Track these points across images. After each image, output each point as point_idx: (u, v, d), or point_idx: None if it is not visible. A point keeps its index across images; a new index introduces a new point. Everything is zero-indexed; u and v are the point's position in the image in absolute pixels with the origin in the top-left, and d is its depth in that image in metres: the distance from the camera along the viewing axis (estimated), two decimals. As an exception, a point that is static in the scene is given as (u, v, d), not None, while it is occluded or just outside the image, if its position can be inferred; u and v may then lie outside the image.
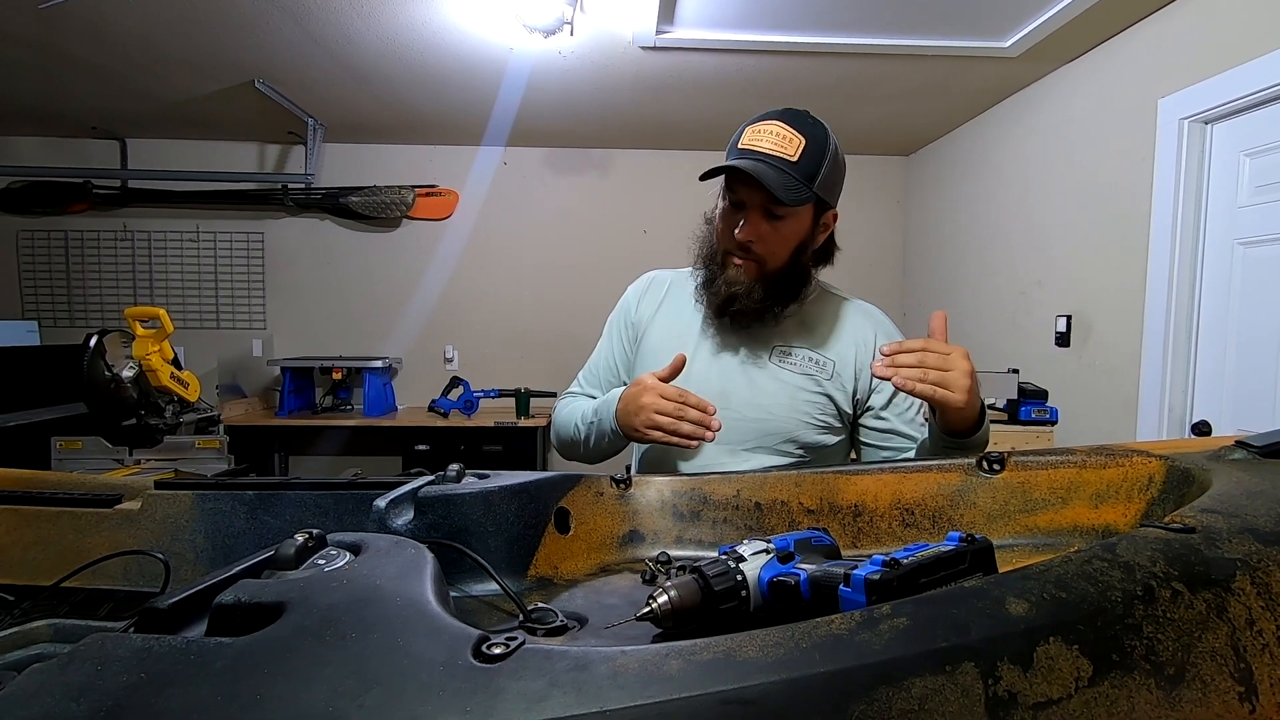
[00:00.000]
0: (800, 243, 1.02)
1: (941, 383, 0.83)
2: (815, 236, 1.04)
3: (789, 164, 0.94)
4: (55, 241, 3.85)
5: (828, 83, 2.86)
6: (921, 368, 0.83)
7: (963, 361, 0.85)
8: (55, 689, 0.33)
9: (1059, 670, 0.33)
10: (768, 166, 0.93)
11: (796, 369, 1.05)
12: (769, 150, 0.94)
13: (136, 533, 0.82)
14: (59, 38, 2.48)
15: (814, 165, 0.95)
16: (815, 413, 1.04)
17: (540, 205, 3.99)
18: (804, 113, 0.99)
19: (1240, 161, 1.94)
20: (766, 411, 1.03)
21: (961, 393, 0.83)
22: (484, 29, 2.40)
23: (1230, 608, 0.37)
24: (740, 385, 1.05)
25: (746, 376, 1.05)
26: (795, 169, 0.94)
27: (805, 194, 0.95)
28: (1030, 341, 2.81)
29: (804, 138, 0.95)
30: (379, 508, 0.66)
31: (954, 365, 0.84)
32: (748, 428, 1.04)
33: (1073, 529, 0.65)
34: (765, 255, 1.01)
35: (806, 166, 0.94)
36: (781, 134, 0.95)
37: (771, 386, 1.04)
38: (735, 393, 1.04)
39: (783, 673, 0.32)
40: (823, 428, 1.05)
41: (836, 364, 1.06)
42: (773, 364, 1.05)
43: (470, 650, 0.35)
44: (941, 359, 0.84)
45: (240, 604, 0.41)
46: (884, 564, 0.45)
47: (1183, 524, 0.43)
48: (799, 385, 1.04)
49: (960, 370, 0.84)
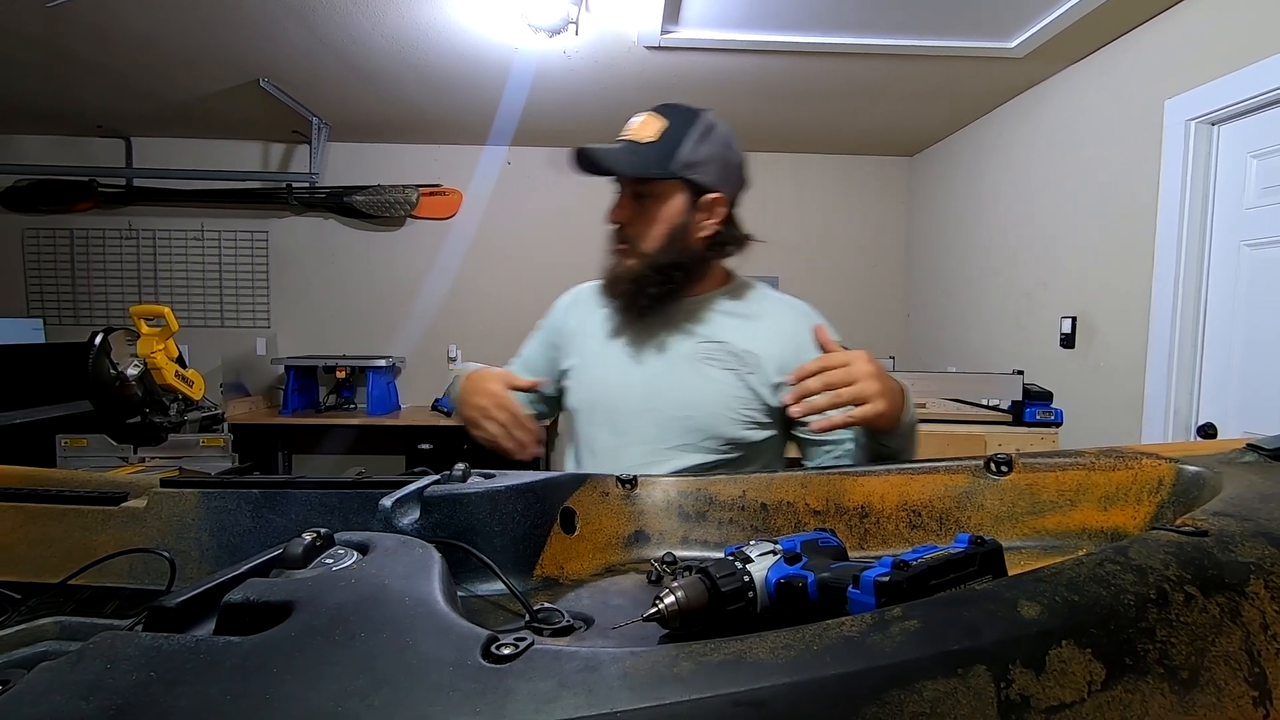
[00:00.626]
0: (675, 225, 1.01)
1: (857, 398, 0.80)
2: (695, 220, 1.02)
3: (643, 145, 0.97)
4: (60, 240, 3.86)
5: (833, 83, 2.86)
6: (831, 391, 0.80)
7: (865, 365, 0.82)
8: (65, 687, 0.33)
9: (1072, 674, 0.33)
10: (619, 150, 0.97)
11: (719, 364, 1.03)
12: (628, 137, 0.99)
13: (142, 531, 0.82)
14: (65, 37, 2.49)
15: (670, 145, 0.97)
16: (740, 408, 1.02)
17: (544, 205, 3.99)
18: (679, 105, 1.01)
19: (1247, 163, 1.93)
20: (691, 409, 1.02)
21: (880, 399, 0.81)
22: (489, 28, 2.40)
23: (1244, 612, 0.37)
24: (663, 383, 1.04)
25: (669, 374, 1.04)
26: (650, 148, 0.97)
27: (650, 168, 0.97)
28: (1035, 343, 2.80)
29: (667, 121, 0.98)
30: (385, 507, 0.66)
31: (859, 374, 0.81)
32: (673, 426, 1.02)
33: (1081, 531, 0.65)
34: (636, 237, 1.02)
35: (662, 145, 0.97)
36: (644, 121, 0.99)
37: (695, 383, 1.03)
38: (658, 391, 1.03)
39: (794, 675, 0.32)
40: (749, 423, 1.03)
41: (760, 358, 1.03)
42: (695, 361, 1.04)
43: (479, 650, 0.35)
44: (845, 372, 0.81)
45: (249, 603, 0.41)
46: (893, 566, 0.45)
47: (1195, 527, 0.42)
48: (722, 381, 1.02)
49: (867, 375, 0.81)
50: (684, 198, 1.00)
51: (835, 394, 0.80)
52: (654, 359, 1.06)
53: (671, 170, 0.97)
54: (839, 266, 4.08)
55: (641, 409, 1.04)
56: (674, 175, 0.98)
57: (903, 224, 4.10)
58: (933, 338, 3.79)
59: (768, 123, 3.42)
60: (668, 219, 1.01)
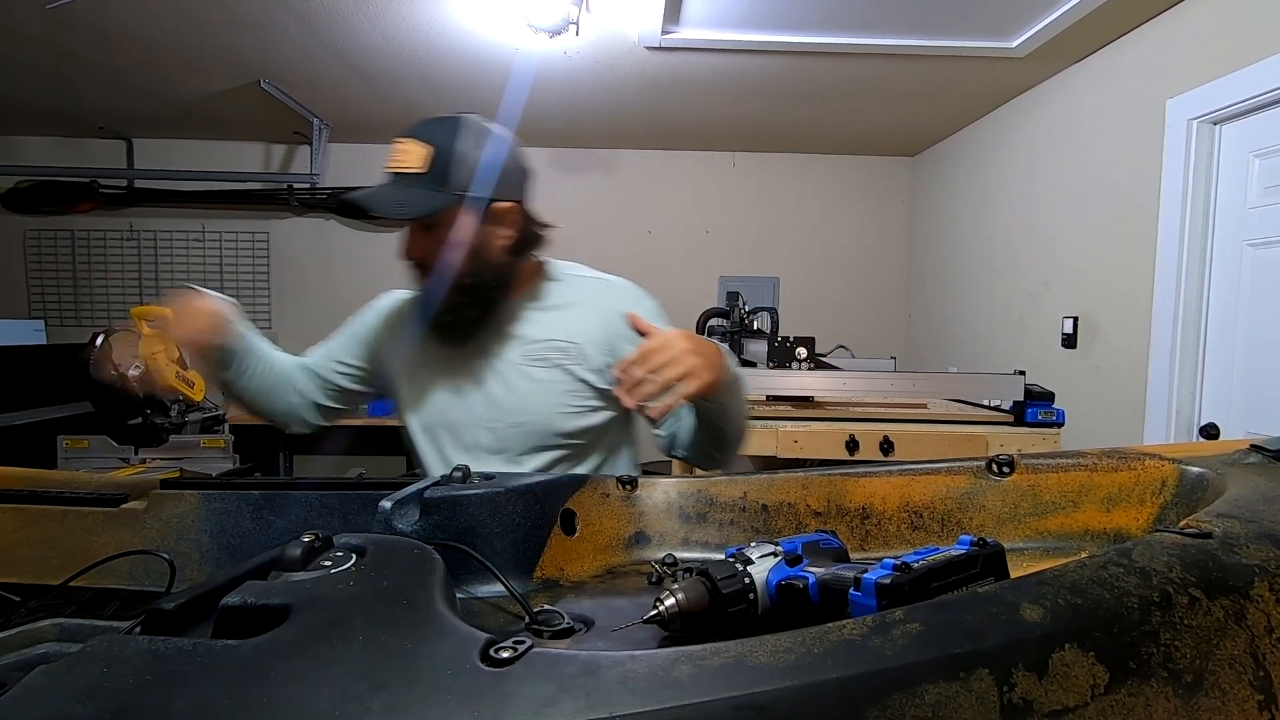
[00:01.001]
0: (473, 246, 0.99)
1: (684, 374, 0.84)
2: (491, 234, 1.01)
3: (417, 177, 0.93)
4: (62, 241, 3.86)
5: (833, 83, 2.86)
6: (657, 373, 0.83)
7: (681, 341, 0.86)
8: (62, 690, 0.33)
9: (1075, 678, 0.33)
10: (390, 187, 0.93)
11: (546, 363, 1.04)
12: (396, 168, 0.94)
13: (142, 532, 0.82)
14: (66, 37, 2.49)
15: (442, 169, 0.94)
16: (573, 401, 1.04)
17: (545, 205, 3.94)
18: (439, 120, 0.97)
19: (1250, 162, 1.93)
20: (527, 414, 1.03)
21: (703, 370, 0.85)
22: (490, 29, 2.40)
23: (1249, 615, 0.36)
24: (497, 395, 1.04)
25: (501, 383, 1.04)
26: (424, 180, 0.93)
27: (429, 203, 0.93)
28: (1037, 343, 2.79)
29: (430, 145, 0.93)
30: (385, 509, 0.66)
31: (676, 350, 0.84)
32: (515, 433, 1.03)
33: (1084, 533, 0.64)
34: (438, 267, 0.99)
35: (432, 174, 0.93)
36: (407, 149, 0.94)
37: (526, 387, 1.03)
38: (494, 404, 1.04)
39: (795, 678, 0.32)
40: (586, 410, 1.04)
41: (582, 345, 1.04)
42: (521, 364, 1.04)
43: (478, 654, 0.35)
44: (666, 355, 0.84)
45: (247, 606, 0.41)
46: (895, 568, 0.45)
47: (1199, 529, 0.42)
48: (551, 379, 1.03)
49: (685, 350, 0.85)
50: (471, 216, 0.98)
51: (661, 379, 0.83)
52: (483, 373, 1.05)
53: (452, 197, 0.94)
54: (840, 267, 4.07)
55: (482, 424, 1.04)
56: (454, 202, 0.95)
57: (904, 224, 4.10)
58: (934, 338, 3.79)
59: (769, 123, 3.42)
60: (463, 242, 0.98)
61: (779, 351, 2.26)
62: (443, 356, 1.07)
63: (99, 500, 0.82)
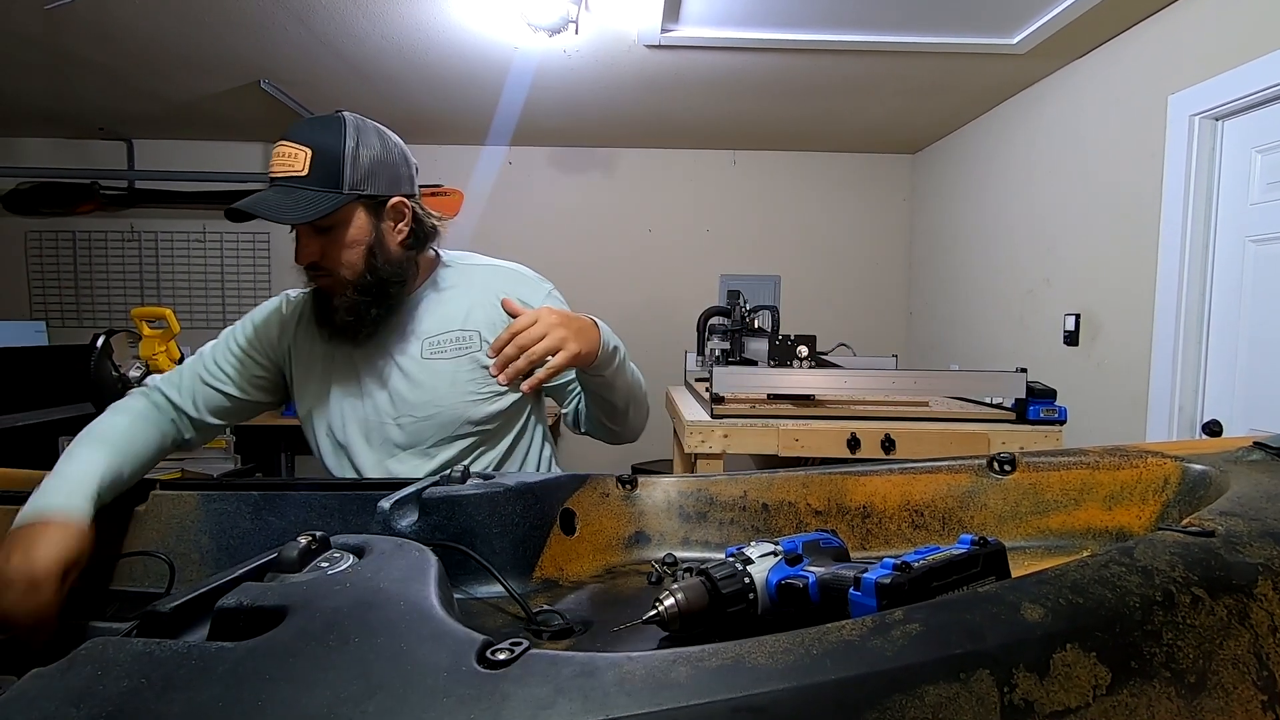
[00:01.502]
0: (369, 244, 0.98)
1: (551, 349, 0.87)
2: (385, 230, 1.00)
3: (299, 180, 0.91)
4: (63, 242, 3.87)
5: (834, 80, 2.85)
6: (525, 350, 0.86)
7: (549, 317, 0.89)
8: (55, 694, 0.33)
9: (1076, 678, 0.33)
10: (276, 192, 0.91)
11: (448, 354, 1.05)
12: (279, 173, 0.92)
13: (142, 533, 0.82)
14: (65, 38, 2.49)
15: (331, 170, 0.92)
16: (478, 388, 1.06)
17: (545, 204, 3.99)
18: (318, 118, 0.96)
19: (1252, 158, 1.92)
20: (435, 406, 1.04)
21: (571, 341, 0.88)
22: (489, 28, 2.39)
23: (1252, 614, 0.36)
24: (403, 389, 1.04)
25: (406, 379, 1.04)
26: (307, 182, 0.91)
27: (321, 204, 0.91)
28: (1038, 340, 2.79)
29: (309, 148, 0.92)
30: (383, 509, 0.65)
31: (546, 326, 0.88)
32: (426, 426, 1.05)
33: (1086, 531, 0.64)
34: (334, 268, 0.98)
35: (320, 175, 0.92)
36: (287, 152, 0.92)
37: (431, 380, 1.04)
38: (403, 400, 1.04)
39: (793, 680, 0.32)
40: (492, 396, 1.07)
41: (481, 333, 1.07)
42: (424, 359, 1.05)
43: (475, 656, 0.35)
44: (533, 331, 0.87)
45: (242, 608, 0.41)
46: (895, 567, 0.45)
47: (1201, 527, 0.42)
48: (455, 369, 1.05)
49: (552, 324, 0.88)
50: (365, 214, 0.97)
51: (529, 353, 0.86)
52: (387, 370, 1.05)
53: (343, 198, 0.93)
54: (842, 264, 4.07)
55: (391, 421, 1.05)
56: (346, 201, 0.94)
57: (905, 221, 4.09)
58: (936, 336, 3.78)
59: (769, 120, 3.41)
60: (359, 241, 0.97)
61: (780, 350, 2.26)
62: (344, 357, 1.06)
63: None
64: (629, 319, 3.97)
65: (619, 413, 1.09)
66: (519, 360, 0.86)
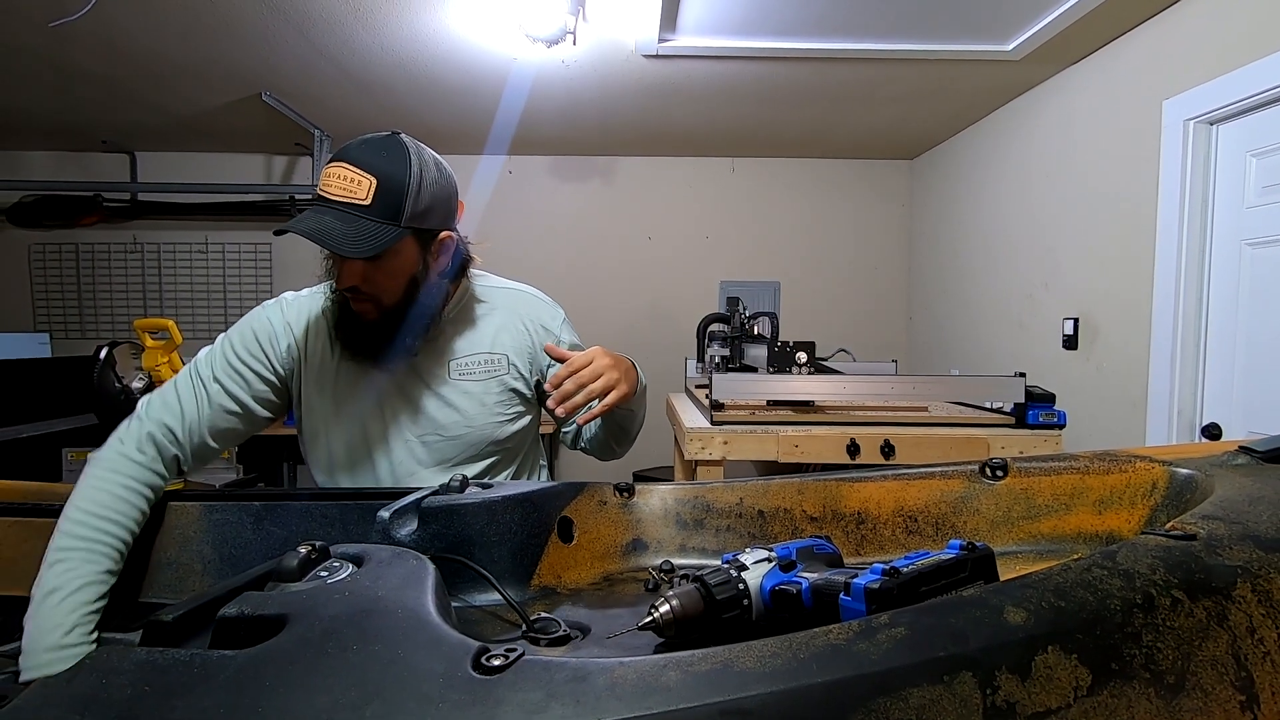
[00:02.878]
0: (414, 274, 0.97)
1: (607, 387, 0.96)
2: (430, 262, 0.99)
3: (360, 209, 0.87)
4: (66, 254, 3.89)
5: (830, 88, 2.87)
6: (584, 388, 0.95)
7: (603, 359, 0.98)
8: (61, 701, 0.34)
9: (1057, 680, 0.33)
10: (335, 217, 0.87)
11: (477, 376, 1.07)
12: (337, 196, 0.88)
13: (145, 544, 0.83)
14: (70, 53, 2.51)
15: (393, 202, 0.89)
16: (506, 410, 1.09)
17: (544, 213, 4.01)
18: (380, 141, 0.92)
19: (1247, 162, 1.93)
20: (466, 426, 1.06)
21: (622, 382, 0.98)
22: (487, 40, 2.41)
23: (1231, 615, 0.37)
24: (431, 409, 1.05)
25: (435, 399, 1.05)
26: (369, 212, 0.88)
27: (383, 238, 0.88)
28: (1037, 344, 2.79)
29: (373, 177, 0.88)
30: (383, 518, 0.66)
31: (601, 368, 0.97)
32: (455, 445, 1.06)
33: (1076, 535, 0.65)
34: (378, 294, 0.96)
35: (382, 206, 0.88)
36: (350, 177, 0.88)
37: (462, 401, 1.06)
38: (429, 417, 1.05)
39: (780, 683, 0.32)
40: (516, 417, 1.11)
41: (509, 356, 1.10)
42: (453, 380, 1.06)
43: (470, 662, 0.36)
44: (591, 370, 0.96)
45: (243, 616, 0.42)
46: (884, 573, 0.45)
47: (1183, 531, 0.42)
48: (484, 391, 1.07)
49: (607, 367, 0.97)
50: (415, 246, 0.96)
51: (588, 390, 0.95)
52: (416, 390, 1.06)
53: (401, 232, 0.90)
54: (841, 270, 4.08)
55: (416, 439, 1.05)
56: (404, 235, 0.91)
57: (904, 227, 4.10)
58: (935, 340, 3.79)
59: (767, 128, 3.43)
60: (405, 272, 0.96)
61: (779, 356, 2.26)
62: (361, 372, 1.04)
63: (102, 513, 0.83)
64: (629, 326, 3.98)
65: (629, 438, 1.18)
66: (578, 397, 0.94)
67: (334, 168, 0.89)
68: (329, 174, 0.90)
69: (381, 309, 0.98)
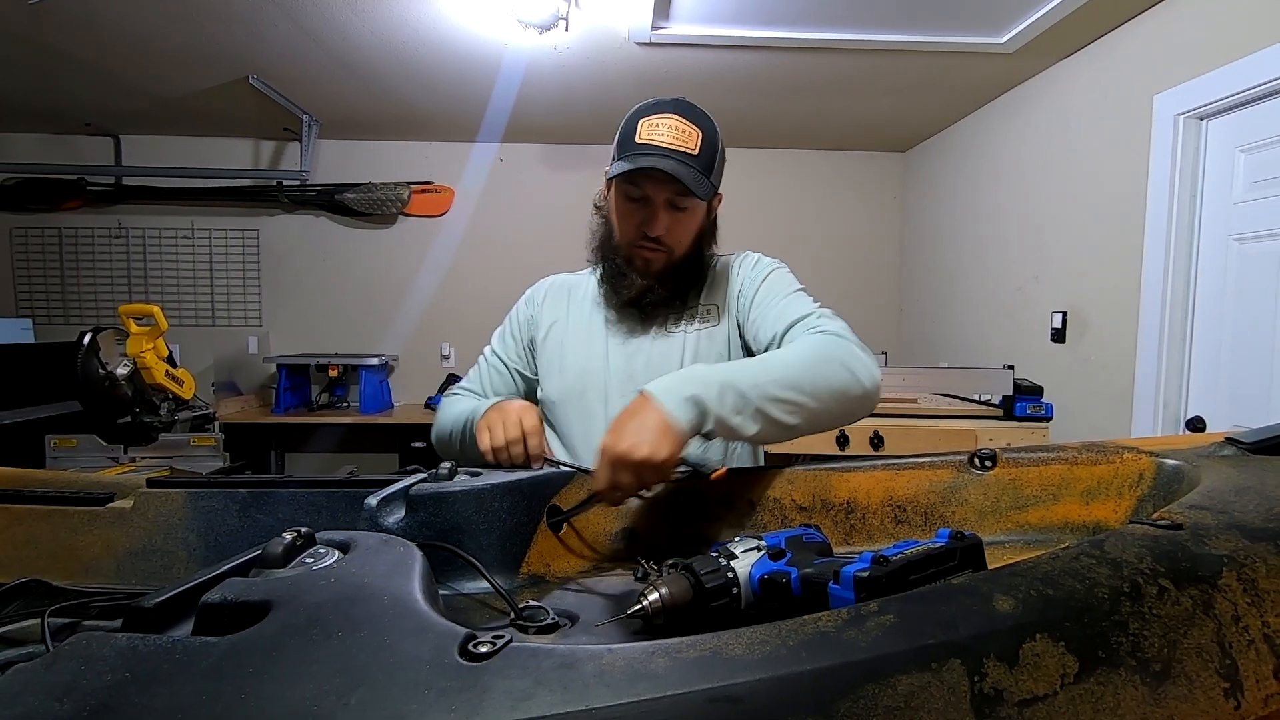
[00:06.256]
0: (702, 229, 1.06)
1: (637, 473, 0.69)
2: (709, 220, 1.09)
3: (691, 157, 0.95)
4: (49, 239, 3.83)
5: (824, 78, 2.86)
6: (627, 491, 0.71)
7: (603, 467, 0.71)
8: (39, 688, 0.33)
9: (1045, 667, 0.33)
10: (675, 161, 0.94)
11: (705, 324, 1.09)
12: (670, 145, 0.95)
13: (129, 531, 0.82)
14: (51, 33, 2.47)
15: (711, 157, 0.98)
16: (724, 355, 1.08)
17: (536, 201, 3.98)
18: (693, 104, 1.01)
19: (1236, 157, 1.94)
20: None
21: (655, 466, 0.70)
22: (479, 25, 2.39)
23: (1217, 604, 0.37)
24: (660, 364, 1.06)
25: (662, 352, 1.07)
26: (697, 161, 0.96)
27: (709, 187, 0.97)
28: (1026, 337, 2.81)
29: (700, 130, 0.97)
30: (370, 505, 0.66)
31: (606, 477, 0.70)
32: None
33: (1064, 525, 0.65)
34: (674, 245, 1.03)
35: (705, 159, 0.97)
36: (680, 127, 0.96)
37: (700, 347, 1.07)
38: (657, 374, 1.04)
39: (769, 670, 0.32)
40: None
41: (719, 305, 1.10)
42: (679, 331, 1.09)
43: (457, 649, 0.35)
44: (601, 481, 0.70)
45: (226, 603, 0.41)
46: (873, 561, 0.46)
47: (1170, 520, 0.43)
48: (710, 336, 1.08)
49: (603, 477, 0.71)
50: (707, 203, 1.04)
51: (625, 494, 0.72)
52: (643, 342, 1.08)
53: (714, 185, 0.99)
54: (832, 262, 4.08)
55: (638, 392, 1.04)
56: (714, 189, 1.00)
57: (896, 219, 4.11)
58: (925, 332, 3.80)
59: (760, 118, 3.42)
60: (698, 225, 1.05)
61: (770, 347, 2.26)
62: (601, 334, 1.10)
63: (85, 499, 0.82)
64: (620, 316, 3.97)
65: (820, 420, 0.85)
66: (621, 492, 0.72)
67: (663, 118, 0.97)
68: (656, 123, 0.96)
69: (671, 259, 1.04)
